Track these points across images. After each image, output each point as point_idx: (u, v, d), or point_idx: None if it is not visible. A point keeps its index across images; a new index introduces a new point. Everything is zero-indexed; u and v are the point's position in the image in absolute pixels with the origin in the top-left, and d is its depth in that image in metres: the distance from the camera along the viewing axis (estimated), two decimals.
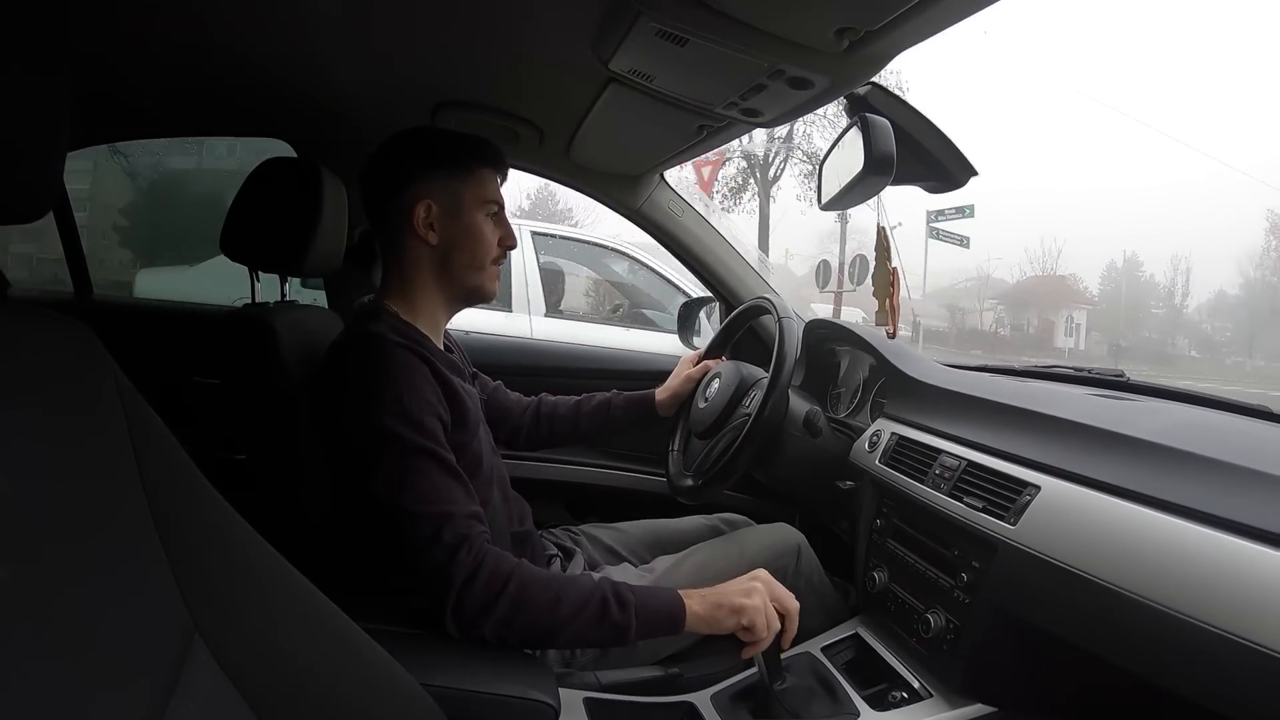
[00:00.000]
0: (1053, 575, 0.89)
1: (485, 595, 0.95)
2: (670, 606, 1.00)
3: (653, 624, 0.99)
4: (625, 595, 0.98)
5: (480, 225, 1.17)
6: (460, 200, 1.16)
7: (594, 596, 0.97)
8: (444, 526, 0.96)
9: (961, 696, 1.06)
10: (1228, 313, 28.34)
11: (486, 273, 1.19)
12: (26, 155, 0.50)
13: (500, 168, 1.21)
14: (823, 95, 1.12)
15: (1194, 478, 0.82)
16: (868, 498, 1.35)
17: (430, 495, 0.98)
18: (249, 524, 0.63)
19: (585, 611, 0.96)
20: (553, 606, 0.96)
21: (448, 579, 0.95)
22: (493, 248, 1.19)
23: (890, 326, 1.35)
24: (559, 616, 0.96)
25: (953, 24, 0.89)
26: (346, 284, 1.78)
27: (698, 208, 1.91)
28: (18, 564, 0.44)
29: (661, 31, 1.00)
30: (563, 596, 0.96)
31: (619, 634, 0.97)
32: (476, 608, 0.95)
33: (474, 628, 0.95)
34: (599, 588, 0.98)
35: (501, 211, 1.21)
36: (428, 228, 1.14)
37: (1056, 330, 27.64)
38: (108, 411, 0.55)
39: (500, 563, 0.97)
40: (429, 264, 1.17)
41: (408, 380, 1.03)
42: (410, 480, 0.98)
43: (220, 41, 1.36)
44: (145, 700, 0.49)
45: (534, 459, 1.86)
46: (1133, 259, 30.44)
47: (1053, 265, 29.18)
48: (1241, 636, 0.69)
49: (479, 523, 1.00)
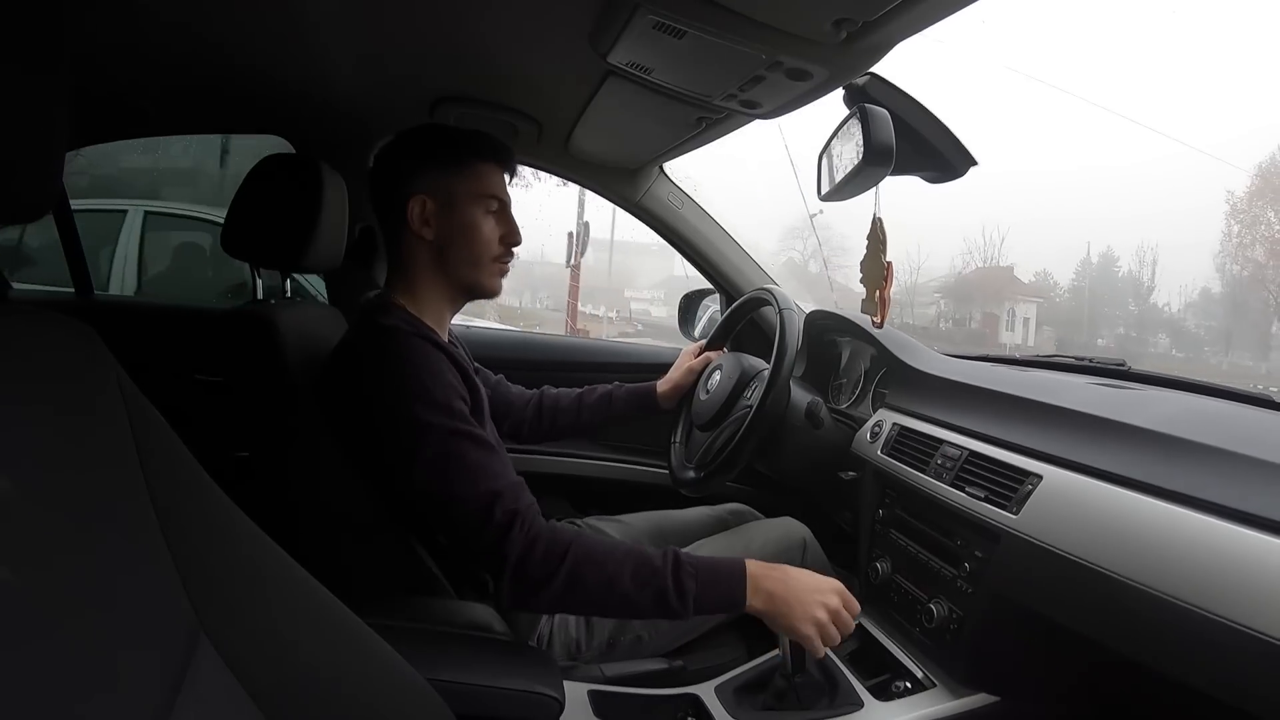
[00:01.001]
0: (1055, 564, 0.89)
1: (542, 571, 0.96)
2: (731, 598, 0.99)
3: (710, 610, 1.01)
4: (686, 585, 0.97)
5: (476, 221, 1.16)
6: (454, 195, 1.15)
7: (651, 583, 0.97)
8: (494, 505, 0.98)
9: (965, 686, 1.06)
10: (1201, 307, 26.88)
11: (485, 269, 1.18)
12: (25, 155, 0.50)
13: (503, 163, 1.20)
14: (822, 86, 1.12)
15: (1195, 466, 0.82)
16: (870, 488, 1.35)
17: (474, 476, 0.99)
18: (253, 521, 0.63)
19: (642, 595, 0.97)
20: (609, 584, 0.97)
21: (503, 557, 0.97)
22: (492, 244, 1.18)
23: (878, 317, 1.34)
24: (614, 595, 0.97)
25: (950, 14, 0.89)
26: (347, 280, 1.78)
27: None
28: (20, 563, 0.44)
29: (659, 24, 0.99)
30: (618, 577, 0.97)
31: (673, 616, 0.98)
32: (532, 583, 0.97)
33: (530, 601, 0.98)
34: (658, 575, 0.97)
35: (505, 208, 1.20)
36: (423, 223, 1.15)
37: (999, 324, 26.25)
38: (110, 410, 0.55)
39: (556, 536, 0.98)
40: (427, 259, 1.17)
41: (428, 367, 1.04)
42: (451, 466, 1.00)
43: (219, 39, 1.36)
44: (151, 698, 0.49)
45: (535, 452, 1.86)
46: (1104, 252, 29.17)
47: (995, 255, 27.86)
48: (1243, 624, 0.69)
49: (525, 492, 1.02)
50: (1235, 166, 30.58)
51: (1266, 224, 23.49)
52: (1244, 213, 23.87)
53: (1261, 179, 23.47)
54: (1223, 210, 24.35)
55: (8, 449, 0.46)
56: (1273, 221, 23.34)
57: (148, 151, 6.07)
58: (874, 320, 1.40)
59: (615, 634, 1.22)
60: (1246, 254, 24.07)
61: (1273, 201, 23.23)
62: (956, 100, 28.85)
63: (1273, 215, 23.35)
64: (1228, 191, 24.62)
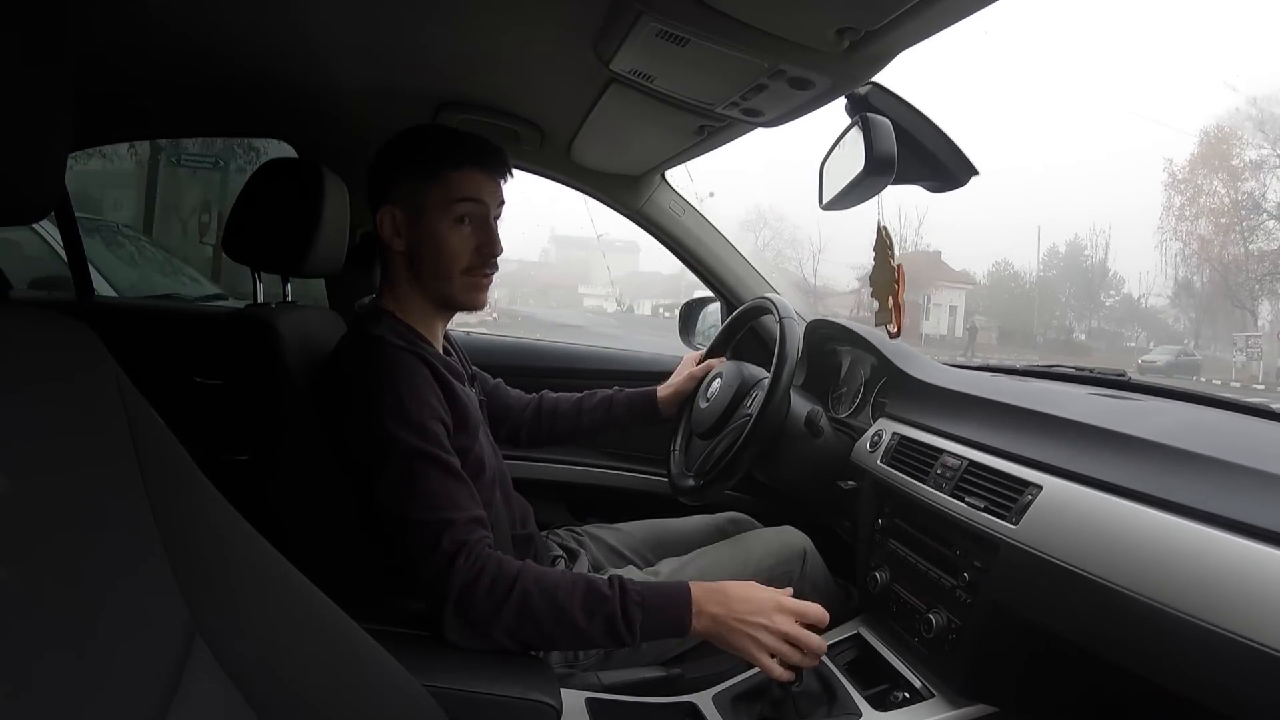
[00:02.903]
0: (1054, 575, 0.89)
1: (488, 603, 0.94)
2: (678, 624, 0.98)
3: (657, 636, 0.99)
4: (633, 614, 0.95)
5: (442, 233, 1.11)
6: (423, 206, 1.11)
7: (601, 611, 0.95)
8: (443, 534, 0.96)
9: (963, 696, 1.06)
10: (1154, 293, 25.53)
11: (455, 283, 1.14)
12: (28, 155, 0.50)
13: (487, 167, 1.13)
14: (824, 95, 1.12)
15: (1195, 477, 0.82)
16: (869, 498, 1.35)
17: (431, 501, 0.98)
18: (251, 524, 0.63)
19: (592, 624, 0.95)
20: (559, 615, 0.95)
21: (444, 587, 0.95)
22: (460, 257, 1.13)
23: (894, 325, 1.34)
24: (564, 626, 0.95)
25: (953, 23, 0.89)
26: (348, 285, 1.78)
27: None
28: (17, 563, 0.44)
29: (662, 32, 1.00)
30: (567, 607, 0.95)
31: (622, 644, 0.97)
32: (480, 616, 0.95)
33: (478, 635, 0.96)
34: (607, 602, 0.96)
35: (483, 217, 1.13)
36: (394, 234, 1.13)
37: (919, 314, 25.06)
38: (109, 412, 0.55)
39: (503, 568, 0.96)
40: (403, 271, 1.15)
41: (409, 384, 1.03)
42: (412, 487, 0.98)
43: (223, 41, 1.36)
44: (147, 700, 0.49)
45: (534, 459, 1.86)
46: (1072, 240, 27.79)
47: (914, 238, 26.65)
48: (1243, 636, 0.68)
49: (481, 527, 1.00)
50: (1179, 130, 28.77)
51: (1212, 193, 21.80)
52: (1185, 183, 22.45)
53: (1205, 144, 21.87)
54: (1161, 181, 22.99)
55: (6, 448, 0.46)
56: (1220, 190, 21.58)
57: None
58: (889, 330, 1.40)
59: None
60: (1190, 228, 22.59)
61: (1218, 169, 21.51)
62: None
63: (1219, 184, 21.60)
64: (1166, 160, 23.16)
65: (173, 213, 8.42)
